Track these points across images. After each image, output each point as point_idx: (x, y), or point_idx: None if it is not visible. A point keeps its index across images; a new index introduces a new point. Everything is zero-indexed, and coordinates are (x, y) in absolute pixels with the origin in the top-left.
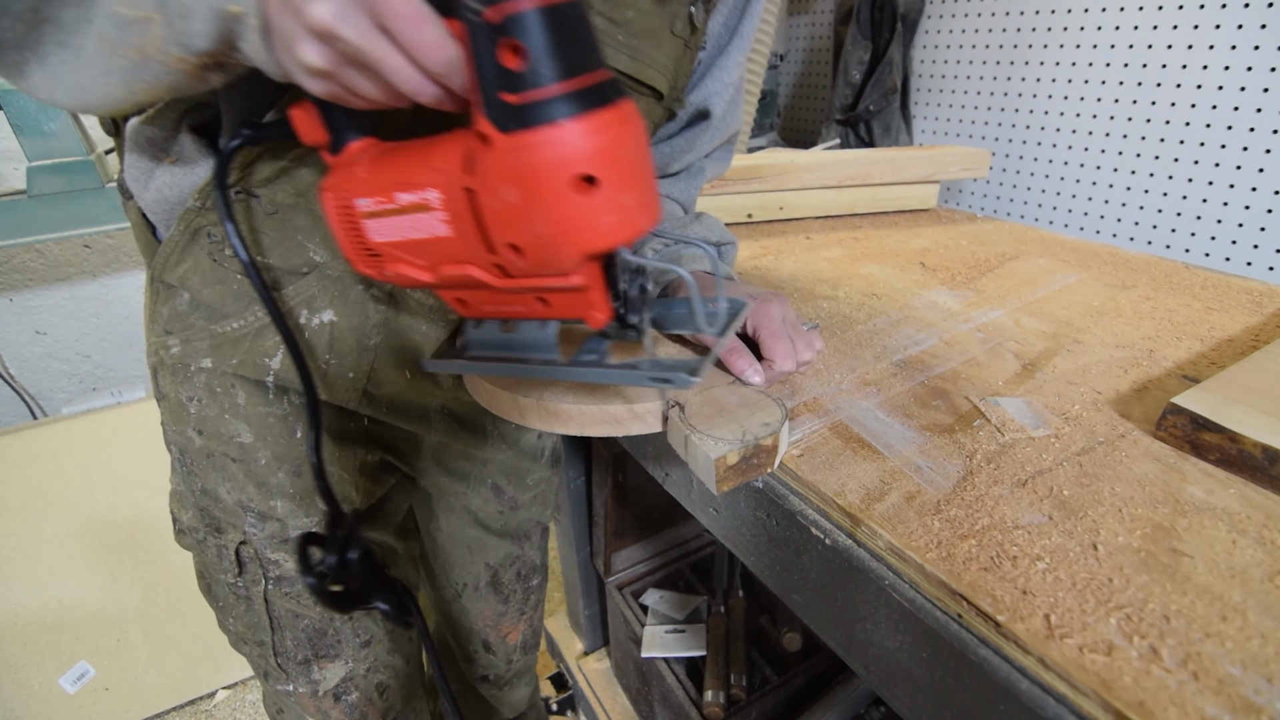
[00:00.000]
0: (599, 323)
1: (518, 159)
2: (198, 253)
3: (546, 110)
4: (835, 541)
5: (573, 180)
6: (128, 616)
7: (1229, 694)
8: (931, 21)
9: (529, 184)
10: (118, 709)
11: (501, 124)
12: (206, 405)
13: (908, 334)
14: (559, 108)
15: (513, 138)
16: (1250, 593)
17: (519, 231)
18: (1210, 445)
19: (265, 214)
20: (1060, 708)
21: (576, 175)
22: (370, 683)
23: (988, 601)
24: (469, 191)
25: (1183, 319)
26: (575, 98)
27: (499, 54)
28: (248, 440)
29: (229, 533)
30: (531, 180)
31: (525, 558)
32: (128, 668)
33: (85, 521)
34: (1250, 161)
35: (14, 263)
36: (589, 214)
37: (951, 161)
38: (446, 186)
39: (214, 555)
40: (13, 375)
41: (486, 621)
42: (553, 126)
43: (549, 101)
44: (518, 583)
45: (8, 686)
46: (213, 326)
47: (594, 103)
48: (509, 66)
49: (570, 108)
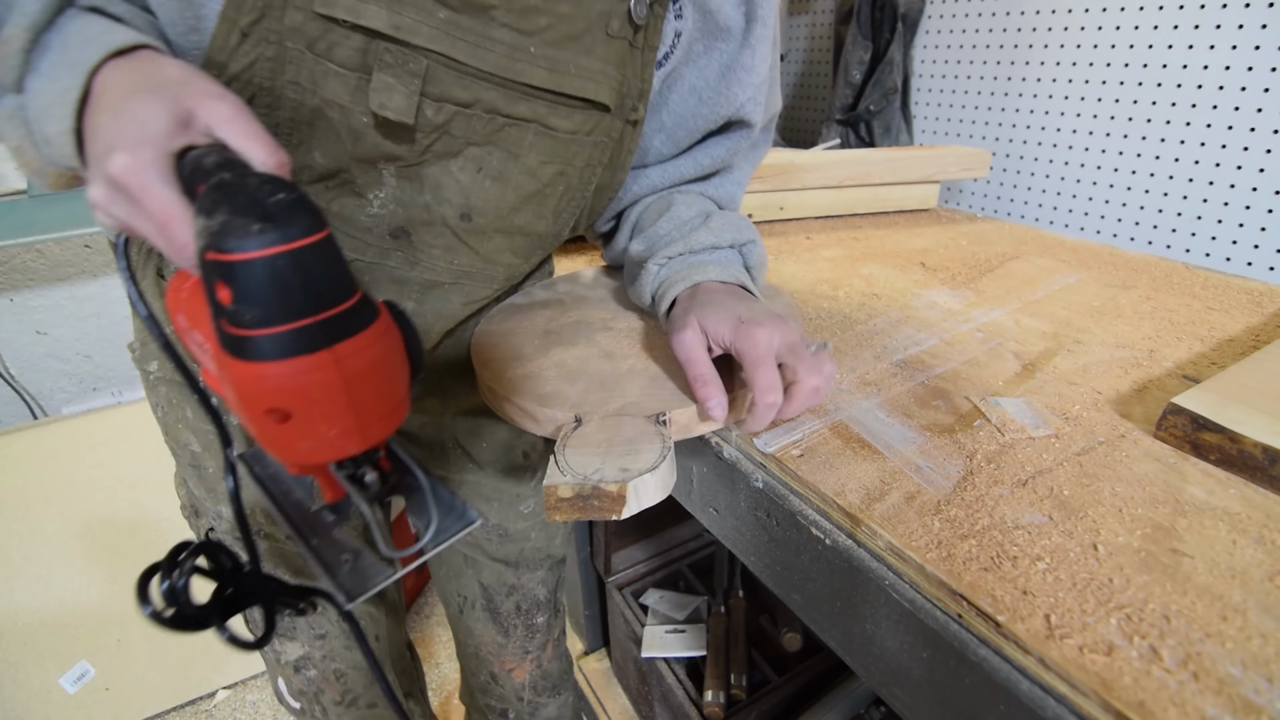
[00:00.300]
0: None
1: (226, 376)
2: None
3: (252, 347)
4: (835, 541)
5: (267, 411)
6: (128, 616)
7: (1229, 694)
8: (931, 21)
9: (237, 398)
10: (118, 709)
11: (219, 341)
12: (166, 413)
13: (908, 334)
14: (260, 348)
15: (224, 357)
16: (1250, 593)
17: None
18: (1210, 445)
19: None
20: (1060, 708)
21: (269, 409)
22: (327, 667)
23: (988, 601)
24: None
25: (1183, 319)
26: (280, 339)
27: (214, 289)
28: (197, 449)
29: (202, 518)
30: (238, 397)
31: (525, 589)
32: (128, 668)
33: (85, 521)
34: (1250, 161)
35: (14, 263)
36: (284, 439)
37: (952, 162)
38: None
39: (196, 532)
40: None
41: (489, 650)
42: (251, 365)
43: (255, 340)
44: (518, 616)
45: (8, 686)
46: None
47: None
48: (220, 300)
49: (272, 350)
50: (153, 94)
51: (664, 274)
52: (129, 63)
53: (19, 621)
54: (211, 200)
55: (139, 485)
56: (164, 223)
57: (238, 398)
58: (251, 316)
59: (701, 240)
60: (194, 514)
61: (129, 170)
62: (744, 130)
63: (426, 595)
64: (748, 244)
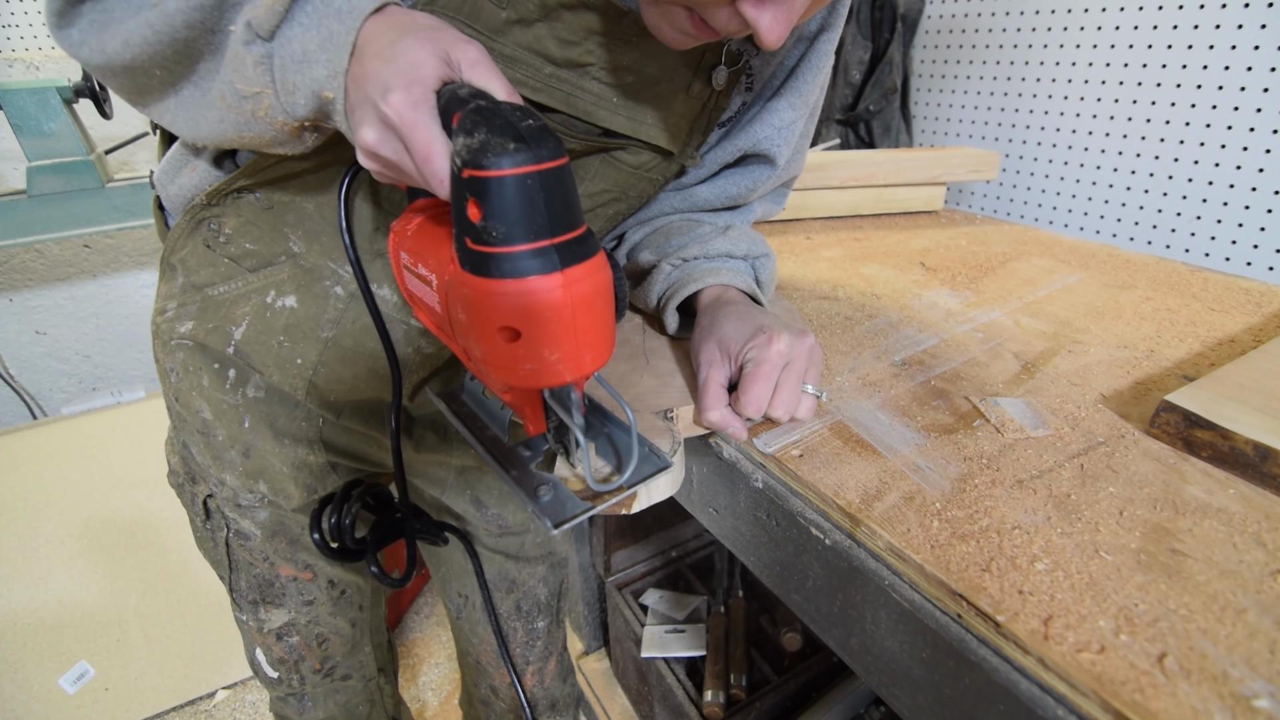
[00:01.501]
0: (530, 432)
1: (466, 294)
2: (196, 239)
3: (494, 264)
4: (835, 542)
5: (499, 329)
6: (128, 616)
7: (1227, 693)
8: (931, 21)
9: (469, 315)
10: (118, 709)
11: (461, 260)
12: (180, 379)
13: (908, 334)
14: (502, 265)
15: (466, 276)
16: (1249, 593)
17: (466, 342)
18: (1202, 442)
19: (261, 208)
20: (1059, 707)
21: (502, 326)
22: (310, 633)
23: (987, 601)
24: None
25: (1183, 319)
26: (520, 258)
27: (465, 206)
28: (209, 417)
29: (200, 484)
30: (472, 315)
31: (525, 586)
32: (128, 668)
33: (85, 521)
34: (1250, 161)
35: (14, 263)
36: (510, 359)
37: (959, 163)
38: (440, 278)
39: (189, 499)
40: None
41: (488, 658)
42: (491, 281)
43: (497, 257)
44: (518, 617)
45: (8, 686)
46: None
47: (538, 267)
48: (470, 218)
49: (512, 268)
50: (418, 38)
51: (676, 275)
52: (387, 16)
53: (19, 621)
54: (471, 121)
55: (138, 485)
56: (428, 155)
57: (472, 315)
58: (498, 233)
59: (718, 247)
60: (189, 480)
61: (404, 106)
62: (765, 166)
63: (426, 595)
64: (761, 257)
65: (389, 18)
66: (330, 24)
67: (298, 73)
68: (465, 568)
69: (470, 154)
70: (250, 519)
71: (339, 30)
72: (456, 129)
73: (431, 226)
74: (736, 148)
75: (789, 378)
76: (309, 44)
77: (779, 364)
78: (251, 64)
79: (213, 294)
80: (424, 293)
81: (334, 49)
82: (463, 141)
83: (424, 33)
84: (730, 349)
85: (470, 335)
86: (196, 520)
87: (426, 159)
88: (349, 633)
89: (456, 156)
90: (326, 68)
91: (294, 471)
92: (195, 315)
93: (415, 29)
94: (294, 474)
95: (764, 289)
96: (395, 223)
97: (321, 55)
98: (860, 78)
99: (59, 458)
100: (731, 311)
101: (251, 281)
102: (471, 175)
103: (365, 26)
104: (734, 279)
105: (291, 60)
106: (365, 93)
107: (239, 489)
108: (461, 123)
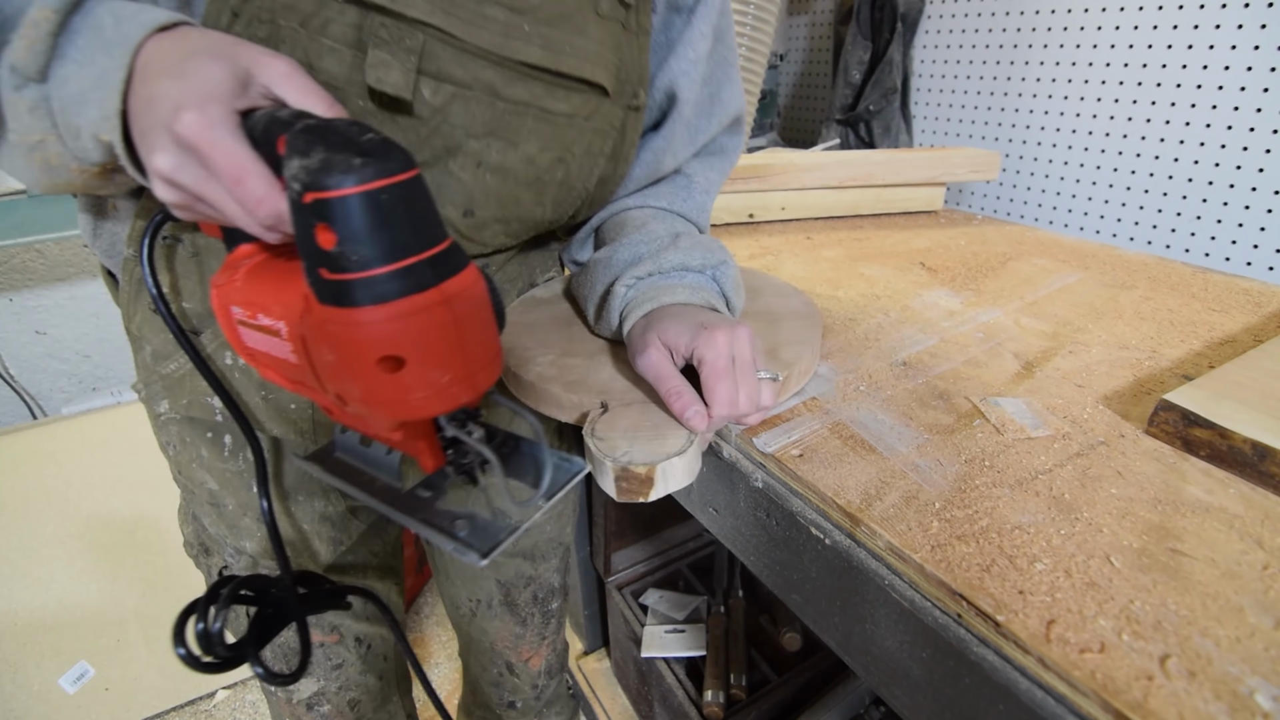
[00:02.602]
0: (429, 469)
1: (330, 330)
2: (142, 304)
3: (359, 291)
4: (835, 541)
5: (378, 361)
6: (128, 616)
7: (1228, 693)
8: (931, 21)
9: (340, 355)
10: (117, 709)
11: (319, 295)
12: (179, 452)
13: (908, 334)
14: (369, 291)
15: (327, 310)
16: (1249, 592)
17: (339, 386)
18: (1200, 441)
19: (187, 256)
20: (1059, 707)
21: (382, 356)
22: (342, 699)
23: (987, 601)
24: (303, 337)
25: (1183, 319)
26: (389, 279)
27: (314, 234)
28: (215, 488)
29: (215, 556)
30: (343, 353)
31: (541, 579)
32: (128, 668)
33: (85, 521)
34: (1250, 161)
35: (14, 263)
36: (397, 391)
37: (959, 163)
38: (290, 324)
39: (205, 571)
40: (13, 375)
41: (505, 644)
42: (361, 310)
43: (360, 283)
44: (535, 605)
45: (8, 686)
46: (158, 368)
47: (410, 286)
48: (322, 246)
49: (382, 291)
50: (210, 55)
51: (631, 294)
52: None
53: (19, 621)
54: (304, 142)
55: (138, 485)
56: (238, 178)
57: (343, 353)
58: (359, 257)
59: (670, 260)
60: (204, 552)
61: (200, 126)
62: (674, 110)
63: (425, 595)
64: (720, 265)
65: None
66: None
67: (78, 114)
68: (476, 573)
69: (311, 175)
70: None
71: (109, 67)
72: (288, 153)
73: (265, 270)
74: (658, 89)
75: (742, 369)
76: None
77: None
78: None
79: (166, 372)
80: (270, 345)
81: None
82: (299, 164)
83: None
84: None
85: (344, 377)
86: None
87: (238, 181)
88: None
89: (295, 181)
90: (99, 109)
91: (316, 527)
92: (165, 395)
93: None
94: (316, 529)
95: (731, 300)
96: (215, 277)
97: (95, 95)
98: (860, 78)
99: (59, 458)
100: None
101: (199, 350)
102: (316, 199)
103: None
104: (690, 295)
105: (71, 102)
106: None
107: (259, 555)
108: (292, 145)
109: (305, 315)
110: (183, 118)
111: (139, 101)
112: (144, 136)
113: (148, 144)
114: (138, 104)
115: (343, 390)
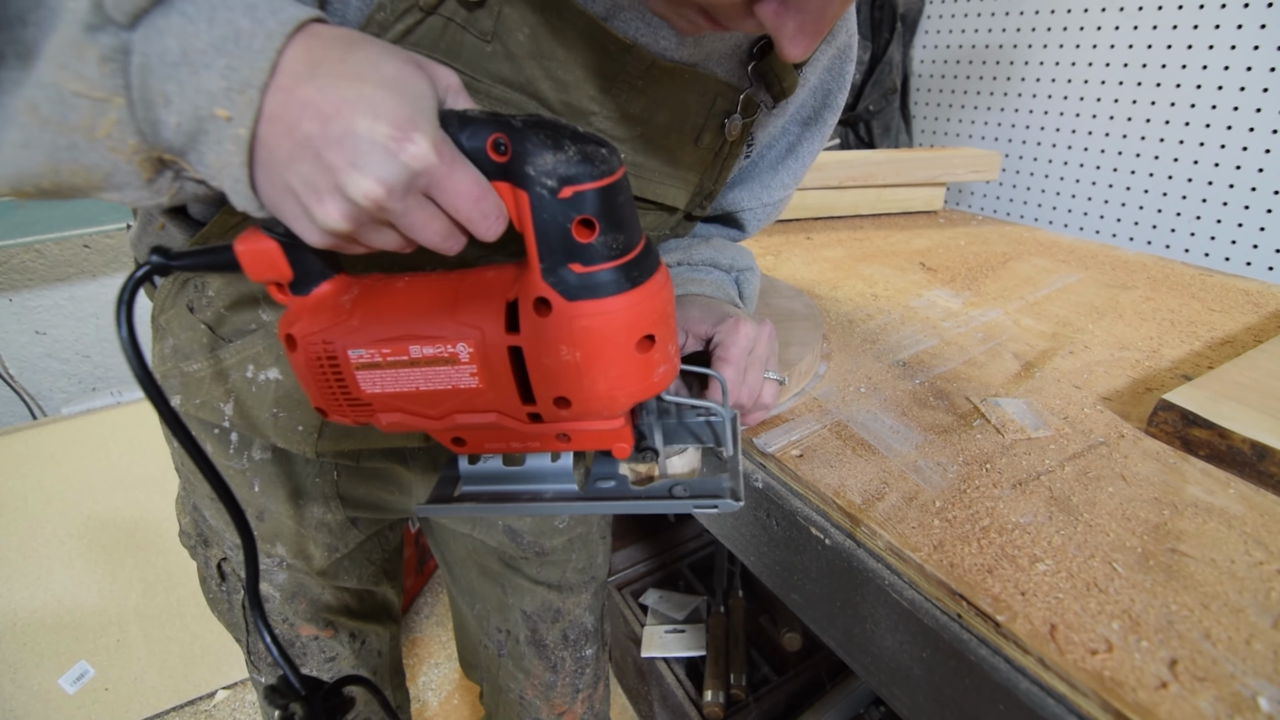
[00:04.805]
0: (625, 452)
1: (584, 324)
2: (181, 301)
3: (616, 280)
4: (835, 541)
5: (639, 341)
6: (128, 616)
7: (1227, 693)
8: (931, 21)
9: (593, 346)
10: (117, 709)
11: (567, 293)
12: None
13: (908, 334)
14: (633, 273)
15: (578, 305)
16: (1249, 592)
17: (571, 387)
18: (1200, 441)
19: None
20: (1060, 707)
21: (643, 336)
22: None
23: (987, 601)
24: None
25: (1183, 319)
26: (636, 263)
27: (570, 229)
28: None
29: (214, 547)
30: (597, 343)
31: (572, 616)
32: (128, 668)
33: (85, 521)
34: (1250, 161)
35: (14, 263)
36: (648, 368)
37: (959, 163)
38: (481, 343)
39: (202, 562)
40: (13, 375)
41: (536, 693)
42: (618, 297)
43: (624, 267)
44: (565, 648)
45: (8, 686)
46: (181, 365)
47: (646, 271)
48: (580, 240)
49: (630, 276)
50: (397, 56)
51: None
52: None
53: (19, 621)
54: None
55: (138, 485)
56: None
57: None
58: (619, 242)
59: (701, 254)
60: (202, 543)
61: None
62: (733, 230)
63: (426, 595)
64: (745, 271)
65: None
66: (236, 19)
67: (172, 79)
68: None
69: (570, 168)
70: (268, 581)
71: (248, 30)
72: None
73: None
74: (718, 206)
75: (754, 364)
76: (195, 41)
77: (746, 348)
78: (96, 59)
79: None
80: (427, 379)
81: (241, 53)
82: (551, 159)
83: (404, 55)
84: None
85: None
86: (210, 583)
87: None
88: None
89: (547, 178)
90: (226, 77)
91: (313, 532)
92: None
93: (393, 51)
94: (313, 534)
95: (746, 303)
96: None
97: (218, 59)
98: (860, 78)
99: (59, 458)
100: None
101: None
102: (577, 191)
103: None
104: (715, 291)
105: (162, 61)
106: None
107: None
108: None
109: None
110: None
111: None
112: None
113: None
114: (293, 103)
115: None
